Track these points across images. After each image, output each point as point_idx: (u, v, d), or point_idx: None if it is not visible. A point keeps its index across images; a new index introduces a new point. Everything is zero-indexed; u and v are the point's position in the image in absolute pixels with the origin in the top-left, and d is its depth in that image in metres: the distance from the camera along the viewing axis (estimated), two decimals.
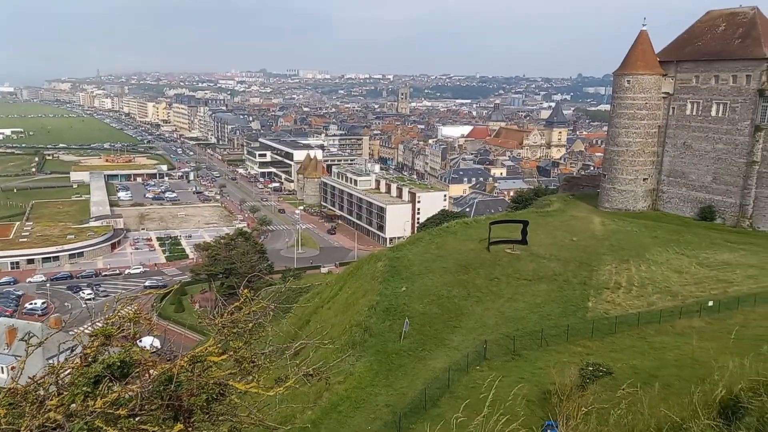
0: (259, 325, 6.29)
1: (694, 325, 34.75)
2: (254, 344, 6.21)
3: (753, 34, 60.62)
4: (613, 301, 41.30)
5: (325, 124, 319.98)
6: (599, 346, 33.00)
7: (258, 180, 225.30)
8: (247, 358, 5.97)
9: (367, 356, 35.69)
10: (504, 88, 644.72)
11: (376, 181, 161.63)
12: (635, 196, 68.16)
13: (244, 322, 6.18)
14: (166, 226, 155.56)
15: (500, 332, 36.91)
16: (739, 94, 60.57)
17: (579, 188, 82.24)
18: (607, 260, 49.00)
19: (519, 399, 26.45)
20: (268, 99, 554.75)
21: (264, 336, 6.48)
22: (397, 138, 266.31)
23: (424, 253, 51.72)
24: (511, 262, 48.96)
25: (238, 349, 6.00)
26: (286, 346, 6.47)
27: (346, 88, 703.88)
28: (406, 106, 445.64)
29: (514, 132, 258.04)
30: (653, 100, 66.73)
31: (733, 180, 61.44)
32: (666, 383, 22.94)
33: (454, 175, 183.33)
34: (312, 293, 63.01)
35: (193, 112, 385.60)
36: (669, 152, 67.31)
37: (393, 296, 43.77)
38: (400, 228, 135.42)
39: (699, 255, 49.74)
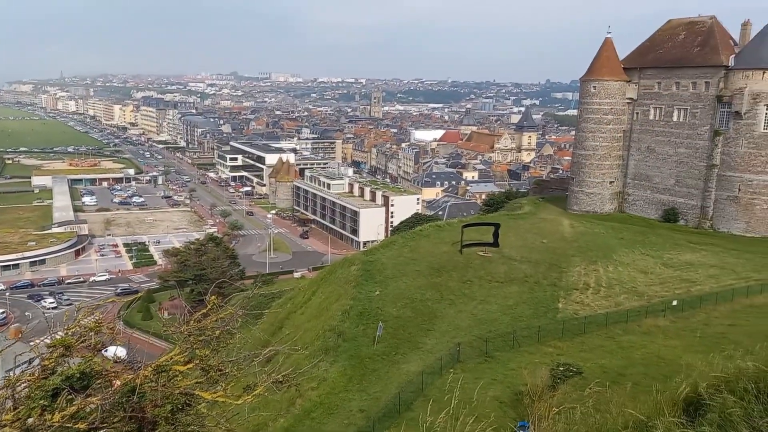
0: (228, 333, 6.19)
1: (660, 324, 35.52)
2: (222, 352, 6.10)
3: (711, 42, 62.48)
4: (582, 302, 41.96)
5: (298, 127, 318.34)
6: (569, 347, 33.47)
7: (229, 184, 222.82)
8: (214, 366, 5.86)
9: (340, 361, 35.53)
10: (475, 93, 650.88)
11: (349, 185, 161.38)
12: (602, 199, 69.47)
13: (211, 330, 6.06)
14: (134, 232, 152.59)
15: (473, 334, 37.15)
16: (699, 100, 62.32)
17: (548, 191, 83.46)
18: (576, 262, 49.81)
19: (492, 400, 26.67)
20: (240, 102, 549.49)
21: (232, 343, 6.38)
22: (370, 142, 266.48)
23: (398, 257, 51.79)
24: (483, 264, 49.37)
25: (205, 358, 5.88)
26: (255, 353, 6.37)
27: (319, 91, 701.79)
28: (379, 109, 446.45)
29: (486, 136, 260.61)
30: (618, 105, 68.19)
31: (695, 183, 63.14)
32: (634, 381, 23.35)
33: (427, 178, 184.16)
34: (284, 298, 62.50)
35: (162, 114, 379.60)
36: (634, 156, 68.83)
37: (366, 300, 43.69)
38: (374, 231, 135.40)
39: (663, 256, 50.92)
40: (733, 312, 36.48)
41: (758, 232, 58.50)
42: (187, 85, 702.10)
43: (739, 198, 59.57)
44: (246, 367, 6.19)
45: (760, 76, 57.71)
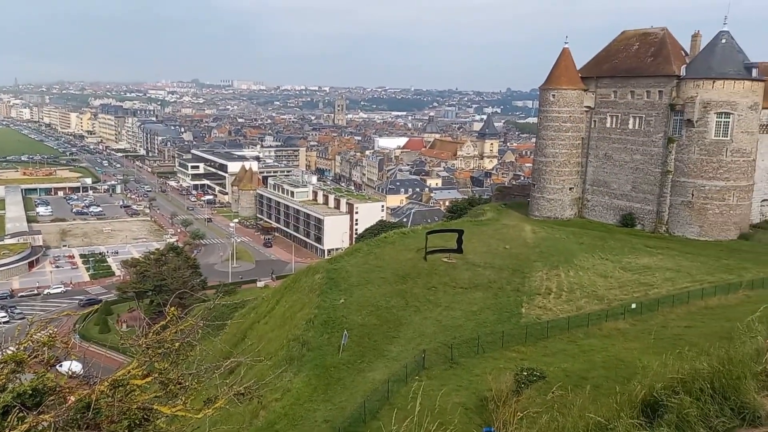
0: (188, 345, 6.04)
1: (620, 327, 36.36)
2: (182, 365, 5.94)
3: (663, 52, 64.73)
4: (545, 307, 42.64)
5: (261, 135, 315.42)
6: (533, 351, 33.92)
7: (190, 192, 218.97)
8: (173, 379, 5.70)
9: (305, 371, 35.19)
10: (438, 101, 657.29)
11: (313, 193, 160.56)
12: (562, 205, 70.93)
13: (170, 342, 5.90)
14: (91, 242, 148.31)
15: (438, 341, 37.30)
16: (653, 108, 64.40)
17: (510, 197, 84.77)
18: (538, 267, 50.62)
19: (457, 407, 26.78)
20: (201, 110, 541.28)
21: (193, 355, 6.22)
22: (334, 149, 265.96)
23: (363, 264, 51.71)
24: (447, 270, 49.70)
25: (164, 371, 5.72)
26: (216, 365, 6.22)
27: (282, 99, 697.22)
28: (343, 117, 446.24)
29: (449, 143, 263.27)
30: (576, 113, 69.89)
31: (650, 188, 65.09)
32: (595, 384, 23.81)
33: (391, 185, 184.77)
34: (248, 308, 61.64)
35: (121, 122, 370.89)
36: (592, 163, 70.57)
37: (331, 309, 43.44)
38: (338, 239, 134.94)
39: (622, 260, 52.21)
40: (688, 314, 37.62)
41: (711, 236, 60.61)
42: (147, 92, 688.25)
43: (692, 203, 61.64)
44: (207, 379, 6.04)
45: (710, 85, 60.00)
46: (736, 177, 60.49)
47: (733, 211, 60.85)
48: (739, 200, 60.96)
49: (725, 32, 61.36)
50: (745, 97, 59.79)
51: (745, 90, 59.78)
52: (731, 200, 60.67)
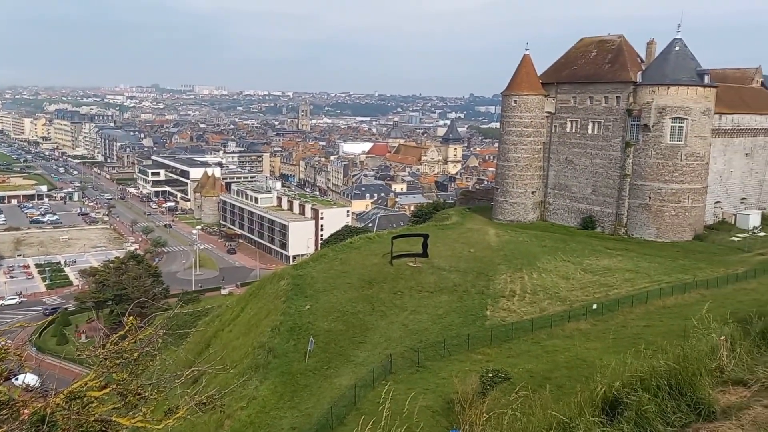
0: (147, 354, 5.89)
1: (582, 327, 37.10)
2: (141, 375, 5.80)
3: (620, 59, 66.60)
4: (509, 309, 43.19)
5: (224, 140, 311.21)
6: (498, 353, 34.29)
7: (151, 199, 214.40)
8: (132, 390, 5.56)
9: (271, 378, 34.78)
10: (402, 106, 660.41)
11: (277, 198, 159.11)
12: (525, 208, 72.09)
13: (129, 352, 5.76)
14: (47, 252, 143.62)
15: (404, 345, 37.37)
16: (611, 113, 66.16)
17: (475, 202, 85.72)
18: (502, 270, 51.27)
19: (424, 410, 26.86)
20: (162, 115, 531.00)
21: (153, 365, 6.08)
22: (299, 155, 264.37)
23: (328, 270, 51.50)
24: (413, 275, 49.89)
25: (123, 381, 5.57)
26: (177, 374, 6.09)
27: (245, 104, 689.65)
28: (307, 122, 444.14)
29: (413, 148, 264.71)
30: (537, 118, 71.23)
31: (610, 191, 66.75)
32: (558, 384, 24.22)
33: (357, 191, 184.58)
34: (212, 316, 60.63)
35: (78, 128, 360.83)
36: (553, 167, 71.99)
37: (297, 315, 43.10)
38: (304, 245, 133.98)
39: (583, 262, 53.32)
40: (647, 313, 38.63)
41: (668, 237, 62.46)
42: (104, 97, 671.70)
43: (649, 205, 63.43)
44: (168, 389, 5.91)
45: (665, 91, 61.95)
46: (690, 180, 62.55)
47: (688, 213, 62.85)
48: (693, 202, 63.03)
49: (679, 40, 63.51)
50: (698, 103, 61.95)
51: (698, 96, 61.94)
52: (686, 202, 62.66)
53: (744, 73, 77.07)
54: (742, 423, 5.92)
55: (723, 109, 65.73)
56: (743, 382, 7.02)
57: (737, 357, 7.69)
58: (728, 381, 7.13)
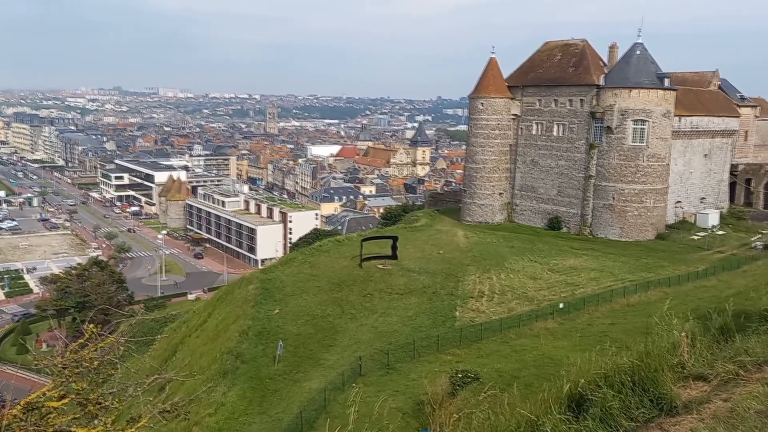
0: (108, 363, 5.73)
1: (549, 326, 37.65)
2: (102, 384, 5.63)
3: (584, 63, 68.00)
4: (478, 309, 43.57)
5: (189, 144, 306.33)
6: (467, 353, 34.55)
7: (115, 204, 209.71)
8: (92, 399, 5.39)
9: (239, 384, 34.33)
10: (370, 109, 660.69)
11: (245, 202, 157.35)
12: (493, 210, 72.89)
13: (89, 361, 5.59)
14: (5, 259, 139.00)
15: (374, 347, 37.35)
16: (575, 116, 67.45)
17: (443, 203, 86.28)
18: (471, 271, 51.70)
19: (394, 412, 26.85)
20: (125, 118, 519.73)
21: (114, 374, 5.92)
22: (266, 158, 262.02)
23: (297, 273, 51.14)
24: (383, 277, 49.91)
25: (82, 391, 5.40)
26: (139, 382, 5.94)
27: (211, 107, 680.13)
28: (275, 125, 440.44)
29: (382, 151, 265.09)
30: (504, 121, 72.15)
31: (575, 192, 68.01)
32: (527, 383, 24.51)
33: (325, 193, 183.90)
34: (178, 322, 59.53)
35: (37, 132, 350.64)
36: (520, 168, 72.99)
37: (266, 319, 42.67)
38: (272, 249, 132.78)
39: (550, 262, 54.17)
40: (612, 311, 39.44)
41: (631, 236, 63.92)
42: (65, 100, 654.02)
43: (613, 206, 64.83)
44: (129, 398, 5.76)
45: (627, 94, 63.45)
46: (652, 180, 64.15)
47: (650, 213, 64.44)
48: (655, 202, 64.66)
49: (639, 44, 65.15)
50: (659, 105, 63.62)
51: (659, 99, 63.62)
52: (648, 202, 64.25)
53: (702, 77, 79.54)
54: (702, 417, 6.08)
55: (682, 112, 67.67)
56: (703, 376, 7.21)
57: (697, 352, 7.90)
58: (689, 376, 7.31)
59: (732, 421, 5.59)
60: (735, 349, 7.61)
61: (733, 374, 6.93)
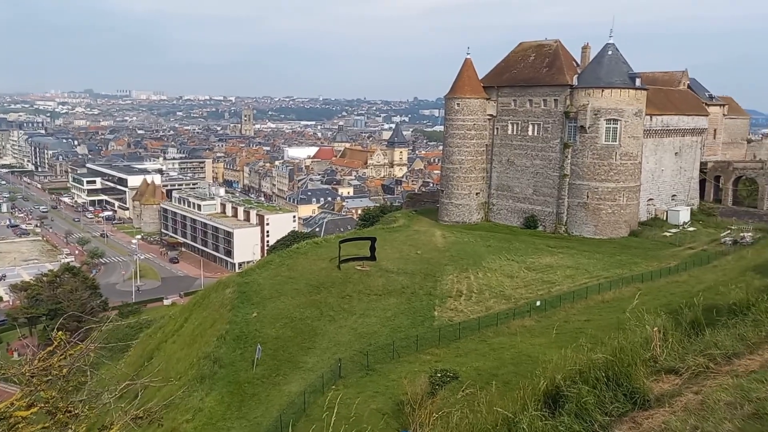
0: (78, 370, 5.61)
1: (526, 324, 38.01)
2: (73, 392, 5.51)
3: (557, 63, 68.85)
4: (456, 309, 43.79)
5: (163, 147, 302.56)
6: (446, 353, 34.69)
7: (87, 209, 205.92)
8: (62, 408, 5.27)
9: (217, 389, 33.98)
10: (347, 110, 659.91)
11: (221, 205, 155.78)
12: (470, 210, 73.35)
13: (58, 368, 5.46)
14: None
15: (354, 349, 37.29)
16: (550, 116, 68.25)
17: (421, 204, 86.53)
18: (449, 270, 51.95)
19: (374, 413, 26.84)
20: (97, 121, 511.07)
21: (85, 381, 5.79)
22: (242, 160, 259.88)
23: (275, 276, 50.80)
24: (361, 278, 49.85)
25: (51, 399, 5.27)
26: (108, 389, 5.82)
27: (185, 109, 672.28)
28: (251, 127, 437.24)
29: (359, 152, 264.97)
30: (480, 121, 72.66)
31: (550, 191, 68.80)
32: (505, 380, 24.70)
33: (303, 195, 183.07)
34: (154, 328, 58.68)
35: (5, 136, 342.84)
36: (496, 168, 73.59)
37: (243, 323, 42.31)
38: (250, 252, 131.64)
39: (526, 260, 54.71)
40: (587, 308, 39.96)
41: (605, 234, 64.89)
42: (34, 103, 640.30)
43: (587, 204, 65.73)
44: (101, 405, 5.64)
45: (600, 93, 64.42)
46: (625, 179, 65.21)
47: (623, 211, 65.50)
48: (628, 200, 65.75)
49: (611, 45, 66.20)
50: (631, 105, 64.72)
51: (630, 98, 64.71)
52: (622, 200, 65.30)
53: (672, 76, 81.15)
54: (674, 410, 6.19)
55: (653, 111, 68.94)
56: (675, 370, 7.35)
57: (669, 347, 8.05)
58: (661, 370, 7.44)
59: (702, 413, 5.70)
60: (705, 343, 7.77)
61: (704, 367, 7.07)
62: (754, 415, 5.34)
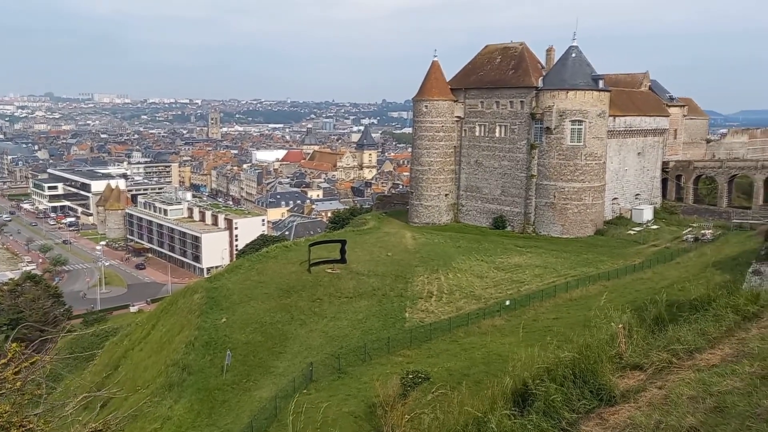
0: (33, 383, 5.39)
1: (496, 323, 38.33)
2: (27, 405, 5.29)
3: (523, 66, 69.82)
4: (427, 310, 43.90)
5: (128, 151, 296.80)
6: (418, 354, 34.73)
7: (49, 215, 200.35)
8: (15, 422, 5.05)
9: (186, 396, 33.37)
10: (315, 113, 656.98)
11: (188, 210, 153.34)
12: (440, 211, 73.77)
13: (11, 381, 5.23)
14: None
15: (325, 352, 37.05)
16: (516, 117, 69.14)
17: (391, 206, 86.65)
18: (420, 272, 52.10)
19: (347, 416, 26.71)
20: (58, 125, 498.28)
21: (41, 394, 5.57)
22: (210, 164, 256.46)
23: (245, 281, 50.18)
24: (332, 281, 49.61)
25: (5, 414, 5.05)
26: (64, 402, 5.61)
27: (150, 113, 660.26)
28: (218, 131, 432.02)
29: (328, 155, 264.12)
30: (448, 123, 73.17)
31: (518, 192, 69.67)
32: (476, 380, 24.86)
33: (272, 199, 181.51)
34: (120, 335, 57.33)
35: None
36: (464, 169, 74.19)
37: (213, 329, 41.66)
38: (218, 257, 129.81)
39: (495, 260, 55.24)
40: (556, 306, 40.53)
41: (572, 233, 65.97)
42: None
43: (554, 204, 66.75)
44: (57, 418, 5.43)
45: (565, 95, 65.52)
46: (590, 179, 66.45)
47: (589, 210, 66.71)
48: (594, 200, 66.99)
49: (575, 47, 67.40)
50: (594, 106, 66.00)
51: (594, 100, 65.99)
52: (587, 200, 66.50)
53: (634, 78, 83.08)
54: (639, 405, 6.28)
55: (616, 112, 70.43)
56: (640, 366, 7.48)
57: (634, 343, 8.19)
58: (626, 366, 7.57)
59: (666, 408, 5.80)
60: (668, 339, 7.93)
61: (667, 362, 7.21)
62: (715, 409, 5.45)
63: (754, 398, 5.40)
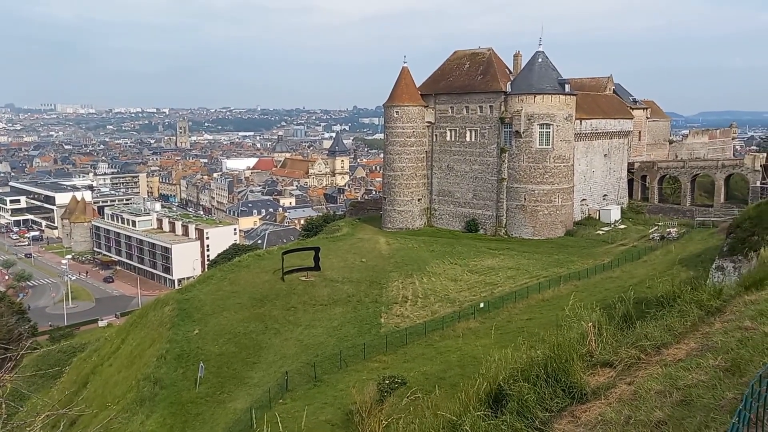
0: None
1: (471, 326, 38.58)
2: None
3: (491, 71, 70.73)
4: (402, 314, 43.97)
5: (93, 162, 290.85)
6: (393, 359, 34.71)
7: (11, 230, 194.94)
8: None
9: (159, 410, 32.73)
10: (286, 120, 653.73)
11: (158, 220, 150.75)
12: (413, 216, 74.07)
13: None
14: None
15: (301, 361, 36.78)
16: (486, 122, 69.95)
17: (364, 212, 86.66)
18: (394, 277, 52.17)
19: (324, 424, 26.54)
20: (19, 137, 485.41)
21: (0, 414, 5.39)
22: (179, 173, 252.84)
23: (217, 291, 49.56)
24: (306, 289, 49.33)
25: None
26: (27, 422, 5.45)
27: (116, 122, 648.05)
28: (186, 140, 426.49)
29: (300, 162, 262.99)
30: (419, 128, 73.64)
31: (489, 195, 70.41)
32: (452, 383, 24.94)
33: (243, 207, 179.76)
34: (89, 351, 55.97)
35: None
36: (436, 174, 74.69)
37: (185, 341, 41.00)
38: (189, 268, 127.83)
39: (469, 263, 55.66)
40: (529, 307, 40.99)
41: (543, 235, 66.89)
42: None
43: (525, 206, 67.63)
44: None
45: (533, 99, 66.54)
46: (559, 181, 67.54)
47: (559, 211, 67.76)
48: (563, 201, 68.08)
49: (541, 52, 68.57)
50: (561, 110, 67.18)
51: (561, 103, 67.18)
52: (557, 201, 67.55)
53: (598, 82, 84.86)
54: (609, 401, 6.40)
55: (582, 115, 71.81)
56: (609, 363, 7.62)
57: (604, 341, 8.34)
58: (597, 363, 7.70)
59: (635, 403, 5.92)
60: (636, 335, 8.10)
61: (636, 358, 7.37)
62: (682, 402, 5.59)
63: (718, 391, 5.55)
